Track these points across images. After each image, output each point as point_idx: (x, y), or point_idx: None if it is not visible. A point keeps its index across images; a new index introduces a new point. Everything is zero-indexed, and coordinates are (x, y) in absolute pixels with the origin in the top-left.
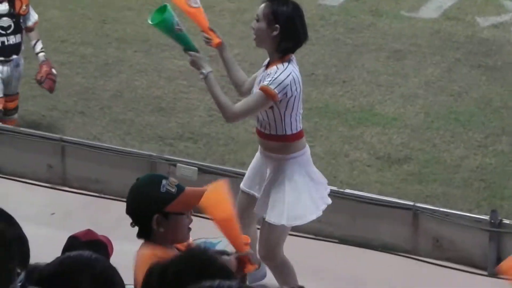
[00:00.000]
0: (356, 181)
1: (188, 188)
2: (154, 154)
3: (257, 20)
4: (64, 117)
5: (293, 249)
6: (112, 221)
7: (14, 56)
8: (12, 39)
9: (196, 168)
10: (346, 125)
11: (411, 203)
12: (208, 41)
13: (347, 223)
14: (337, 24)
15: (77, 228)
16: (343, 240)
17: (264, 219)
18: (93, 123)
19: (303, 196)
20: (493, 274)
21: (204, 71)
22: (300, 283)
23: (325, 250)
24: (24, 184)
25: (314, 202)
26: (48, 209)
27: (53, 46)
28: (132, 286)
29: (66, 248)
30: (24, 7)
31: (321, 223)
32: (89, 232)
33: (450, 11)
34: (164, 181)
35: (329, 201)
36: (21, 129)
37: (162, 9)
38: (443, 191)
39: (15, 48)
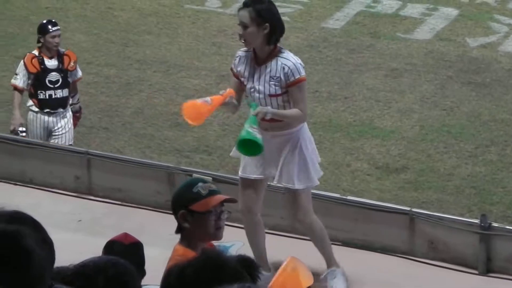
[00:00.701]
0: (357, 188)
1: (219, 195)
2: (172, 165)
3: (245, 27)
4: (89, 132)
5: (298, 251)
6: (134, 227)
7: (61, 109)
8: (59, 93)
9: (210, 178)
10: (348, 137)
11: (408, 209)
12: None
13: (349, 227)
14: (339, 46)
15: (102, 233)
16: (346, 243)
17: (291, 189)
18: (116, 138)
19: (315, 156)
20: (484, 273)
21: (269, 114)
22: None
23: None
24: (53, 193)
25: (318, 159)
26: (75, 216)
27: (79, 67)
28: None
29: (107, 252)
30: (72, 63)
31: (326, 227)
32: (127, 235)
33: (442, 32)
34: (200, 184)
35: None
36: (51, 143)
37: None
38: (437, 198)
39: (62, 102)
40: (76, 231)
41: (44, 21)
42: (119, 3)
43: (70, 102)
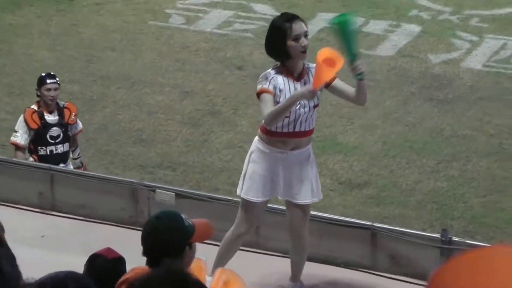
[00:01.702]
0: (320, 204)
1: (194, 220)
2: (136, 181)
3: (307, 36)
4: None
5: (265, 266)
6: (99, 242)
7: (62, 165)
8: (60, 148)
9: (173, 194)
10: None
11: (370, 223)
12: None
13: (313, 242)
14: None
15: (66, 249)
16: (310, 258)
17: (306, 204)
18: (82, 154)
19: None
20: None
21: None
22: None
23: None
24: (17, 209)
25: None
26: (39, 232)
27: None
28: None
29: (89, 266)
30: (72, 116)
31: (289, 242)
32: (110, 250)
33: (404, 49)
34: (183, 216)
35: None
36: (14, 159)
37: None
38: (399, 213)
39: (64, 157)
40: (39, 247)
41: (43, 74)
42: (83, 20)
43: (71, 156)
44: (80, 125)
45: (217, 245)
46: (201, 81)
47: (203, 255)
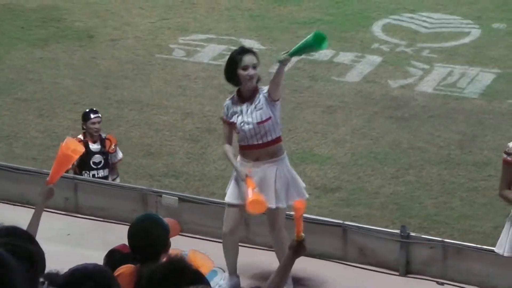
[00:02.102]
0: None
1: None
2: (145, 187)
3: (255, 67)
4: None
5: (250, 258)
6: (115, 239)
7: None
8: (101, 173)
9: (177, 198)
10: (291, 163)
11: (341, 222)
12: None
13: (293, 238)
14: (284, 87)
15: (88, 245)
16: None
17: (277, 208)
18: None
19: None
20: (404, 274)
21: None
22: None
23: (276, 259)
24: (46, 212)
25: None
26: (65, 231)
27: (68, 107)
28: None
29: (108, 259)
30: (113, 146)
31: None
32: (126, 246)
33: (368, 76)
34: (163, 219)
35: None
36: (44, 170)
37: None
38: (366, 212)
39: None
40: (65, 244)
41: (87, 110)
42: (101, 53)
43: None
44: (120, 154)
45: (212, 241)
46: (200, 104)
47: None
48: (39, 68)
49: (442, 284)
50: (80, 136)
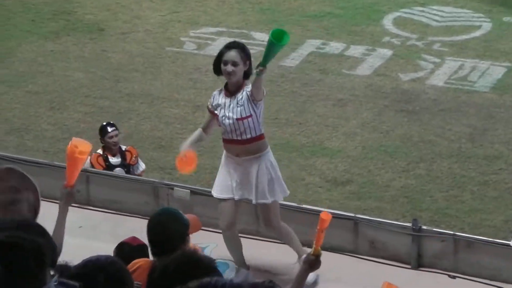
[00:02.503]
0: (310, 199)
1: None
2: (157, 180)
3: (235, 65)
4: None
5: (263, 252)
6: (126, 232)
7: None
8: None
9: (189, 191)
10: (302, 156)
11: (352, 215)
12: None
13: (304, 231)
14: (294, 80)
15: (100, 238)
16: (302, 244)
17: (263, 204)
18: None
19: (280, 176)
20: (415, 267)
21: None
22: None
23: (288, 252)
24: (58, 204)
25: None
26: (77, 224)
27: (79, 100)
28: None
29: (118, 252)
30: (133, 158)
31: None
32: (135, 238)
33: (379, 69)
34: (181, 212)
35: None
36: (55, 163)
37: (283, 35)
38: (376, 205)
39: None
40: (77, 236)
41: (104, 123)
42: (112, 46)
43: None
44: (142, 165)
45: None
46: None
47: (214, 243)
48: (50, 61)
49: (454, 277)
50: (99, 151)
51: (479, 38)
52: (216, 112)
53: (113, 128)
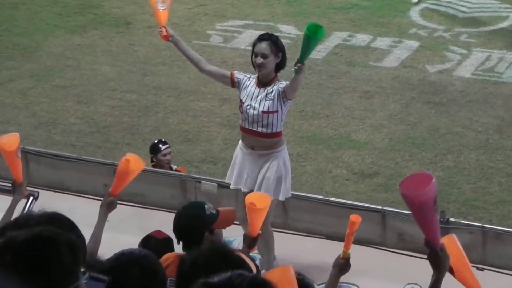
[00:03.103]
0: (338, 191)
1: (221, 209)
2: (184, 174)
3: (264, 57)
4: (115, 147)
5: (290, 245)
6: (154, 225)
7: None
8: None
9: (216, 184)
10: (329, 149)
11: (380, 207)
12: (160, 33)
13: (332, 224)
14: (321, 73)
15: (127, 231)
16: (329, 237)
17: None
18: (137, 152)
19: (289, 176)
20: None
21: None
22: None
23: (316, 244)
24: (86, 199)
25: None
26: None
27: (106, 94)
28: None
29: (143, 245)
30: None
31: (312, 223)
32: (160, 232)
33: (406, 61)
34: (206, 206)
35: None
36: (83, 157)
37: (318, 29)
38: None
39: None
40: (105, 230)
41: (155, 141)
42: (139, 40)
43: None
44: None
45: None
46: (237, 90)
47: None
48: (77, 54)
49: (482, 269)
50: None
51: (506, 29)
52: (241, 98)
53: (166, 145)
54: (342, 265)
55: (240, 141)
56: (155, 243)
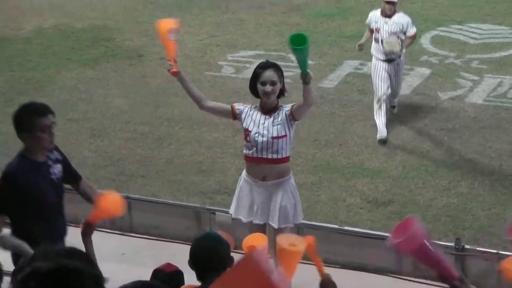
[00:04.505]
0: (352, 220)
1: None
2: (198, 205)
3: (273, 84)
4: (129, 179)
5: (305, 274)
6: (169, 257)
7: None
8: None
9: (230, 215)
10: (343, 177)
11: None
12: (170, 68)
13: (347, 252)
14: (333, 101)
15: (143, 264)
16: (344, 266)
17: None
18: (151, 184)
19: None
20: None
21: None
22: None
23: (331, 273)
24: (101, 232)
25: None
26: (119, 250)
27: (119, 126)
28: None
29: (154, 278)
30: None
31: (327, 253)
32: (169, 264)
33: (418, 88)
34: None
35: None
36: (97, 190)
37: (301, 38)
38: None
39: None
40: (120, 263)
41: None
42: (151, 71)
43: None
44: None
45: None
46: (239, 122)
47: None
48: (90, 88)
49: None
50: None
51: None
52: (246, 127)
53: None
54: (329, 284)
55: (245, 172)
56: (163, 277)
